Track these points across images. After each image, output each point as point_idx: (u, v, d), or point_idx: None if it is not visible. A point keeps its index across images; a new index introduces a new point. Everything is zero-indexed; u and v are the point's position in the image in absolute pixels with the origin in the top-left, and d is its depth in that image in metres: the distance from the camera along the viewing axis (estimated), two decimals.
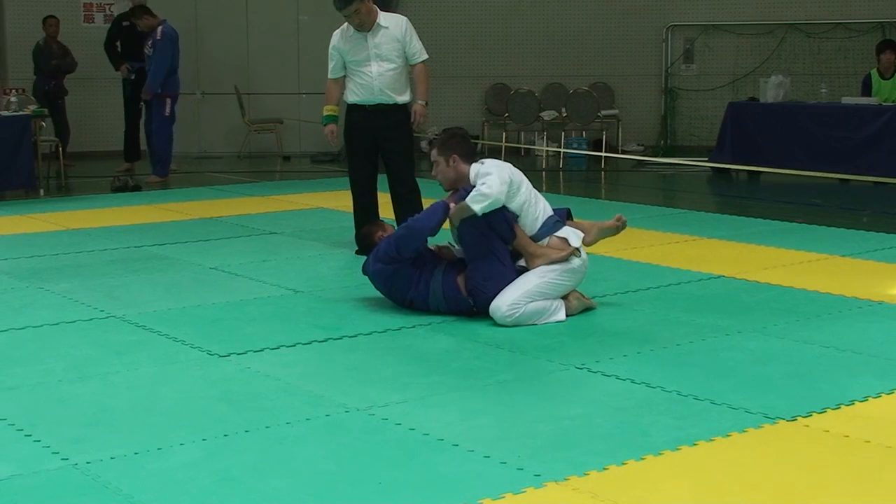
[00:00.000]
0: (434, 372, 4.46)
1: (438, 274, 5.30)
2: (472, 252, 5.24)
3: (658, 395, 4.10)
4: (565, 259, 5.22)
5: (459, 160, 5.36)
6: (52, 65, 12.47)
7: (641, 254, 6.97)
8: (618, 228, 5.60)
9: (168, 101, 11.48)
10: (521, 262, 5.32)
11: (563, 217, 5.45)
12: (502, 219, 5.20)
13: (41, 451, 3.55)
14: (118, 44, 12.19)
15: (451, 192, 5.40)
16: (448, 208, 5.25)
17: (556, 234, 5.33)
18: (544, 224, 5.33)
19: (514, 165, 5.44)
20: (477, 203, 5.10)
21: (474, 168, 5.30)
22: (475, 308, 5.25)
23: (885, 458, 3.48)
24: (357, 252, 6.80)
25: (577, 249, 5.27)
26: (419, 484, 3.27)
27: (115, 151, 14.01)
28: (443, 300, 5.28)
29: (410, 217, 6.74)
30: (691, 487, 3.24)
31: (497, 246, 5.22)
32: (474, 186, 5.19)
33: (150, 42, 11.42)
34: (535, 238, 5.31)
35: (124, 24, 12.21)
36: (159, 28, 11.42)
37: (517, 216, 5.28)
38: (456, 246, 5.45)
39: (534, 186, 5.46)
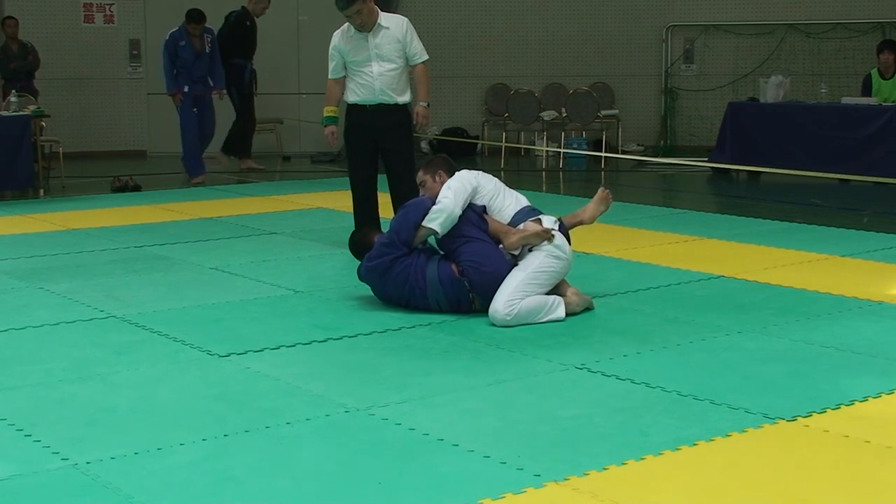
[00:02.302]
0: (434, 372, 4.46)
1: (434, 264, 5.35)
2: (452, 245, 5.33)
3: (658, 395, 4.11)
4: (539, 237, 5.27)
5: (444, 175, 5.53)
6: (11, 68, 12.39)
7: (641, 254, 6.97)
8: (605, 200, 5.72)
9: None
10: (500, 247, 5.36)
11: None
12: (470, 211, 5.36)
13: (41, 451, 3.55)
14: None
15: None
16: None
17: (530, 220, 5.44)
18: (518, 213, 5.47)
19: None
20: (433, 222, 5.31)
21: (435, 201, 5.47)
22: (471, 292, 5.28)
23: (885, 458, 3.48)
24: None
25: (551, 235, 5.30)
26: (419, 484, 3.27)
27: (112, 152, 14.06)
28: (440, 287, 5.29)
29: None
30: (691, 487, 3.24)
31: (473, 230, 5.32)
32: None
33: (207, 40, 11.63)
34: (512, 225, 5.44)
35: (248, 23, 12.20)
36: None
37: (484, 207, 5.43)
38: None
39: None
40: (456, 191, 5.33)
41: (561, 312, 5.24)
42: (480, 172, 5.62)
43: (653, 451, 3.50)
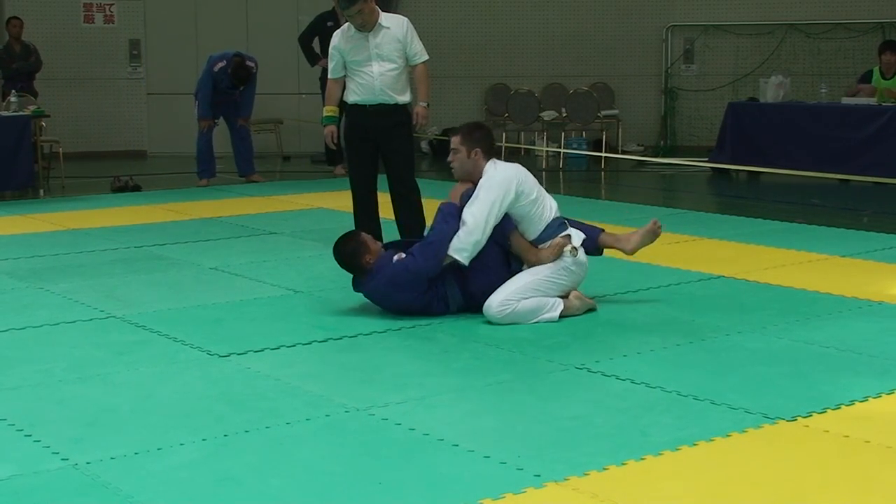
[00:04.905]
0: (434, 372, 4.46)
1: (452, 281, 5.26)
2: (468, 268, 5.23)
3: (658, 395, 4.10)
4: (556, 256, 5.22)
5: (481, 155, 5.36)
6: (13, 68, 12.38)
7: (641, 254, 6.93)
8: (654, 233, 5.61)
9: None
10: (524, 266, 5.33)
11: (592, 236, 5.51)
12: (498, 229, 5.22)
13: (41, 451, 3.55)
14: (316, 40, 11.99)
15: (460, 183, 5.42)
16: (459, 211, 5.23)
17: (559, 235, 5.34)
18: (549, 226, 5.33)
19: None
20: (461, 252, 5.13)
21: (488, 168, 5.31)
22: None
23: (885, 458, 3.48)
24: None
25: (574, 248, 5.27)
26: (419, 484, 3.27)
27: (112, 152, 14.06)
28: (462, 302, 5.30)
29: (410, 217, 6.74)
30: (691, 487, 3.24)
31: (493, 257, 5.23)
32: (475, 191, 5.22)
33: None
34: (540, 240, 5.31)
35: (328, 24, 12.10)
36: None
37: (516, 224, 5.29)
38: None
39: None
40: (492, 208, 5.12)
41: (555, 314, 5.22)
42: (521, 170, 5.32)
43: (653, 451, 3.50)
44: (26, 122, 10.35)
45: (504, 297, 5.13)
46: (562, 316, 5.24)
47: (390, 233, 6.72)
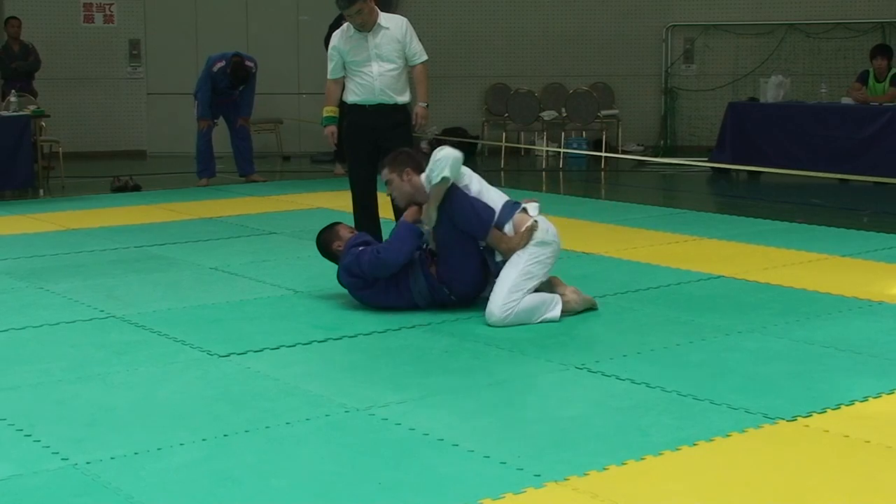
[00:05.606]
0: (434, 372, 4.46)
1: (418, 273, 5.34)
2: (446, 242, 5.31)
3: (658, 395, 4.10)
4: (527, 240, 5.21)
5: (412, 173, 5.44)
6: (12, 67, 12.39)
7: (641, 254, 6.97)
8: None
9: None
10: (498, 258, 5.33)
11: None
12: (474, 218, 5.24)
13: (41, 451, 3.55)
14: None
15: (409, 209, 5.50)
16: (420, 234, 5.35)
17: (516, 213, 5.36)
18: (503, 208, 5.34)
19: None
20: (440, 170, 5.18)
21: (424, 175, 5.38)
22: (452, 297, 5.36)
23: (885, 458, 3.48)
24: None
25: (535, 220, 5.27)
26: (419, 484, 3.27)
27: (112, 152, 14.06)
28: (427, 291, 5.35)
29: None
30: (691, 487, 3.24)
31: (467, 240, 5.29)
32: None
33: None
34: (498, 222, 5.31)
35: (342, 22, 12.11)
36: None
37: (495, 213, 5.30)
38: (429, 244, 5.47)
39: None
40: (448, 152, 5.23)
41: (556, 312, 5.22)
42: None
43: (653, 451, 3.50)
44: (26, 121, 10.35)
45: (504, 301, 5.12)
46: (562, 314, 5.24)
47: (390, 232, 6.72)
